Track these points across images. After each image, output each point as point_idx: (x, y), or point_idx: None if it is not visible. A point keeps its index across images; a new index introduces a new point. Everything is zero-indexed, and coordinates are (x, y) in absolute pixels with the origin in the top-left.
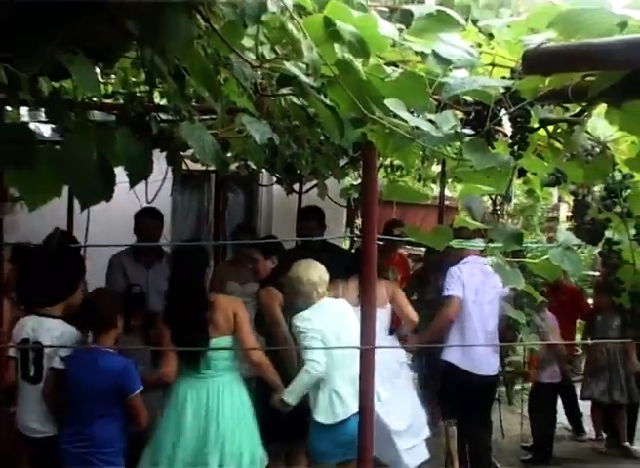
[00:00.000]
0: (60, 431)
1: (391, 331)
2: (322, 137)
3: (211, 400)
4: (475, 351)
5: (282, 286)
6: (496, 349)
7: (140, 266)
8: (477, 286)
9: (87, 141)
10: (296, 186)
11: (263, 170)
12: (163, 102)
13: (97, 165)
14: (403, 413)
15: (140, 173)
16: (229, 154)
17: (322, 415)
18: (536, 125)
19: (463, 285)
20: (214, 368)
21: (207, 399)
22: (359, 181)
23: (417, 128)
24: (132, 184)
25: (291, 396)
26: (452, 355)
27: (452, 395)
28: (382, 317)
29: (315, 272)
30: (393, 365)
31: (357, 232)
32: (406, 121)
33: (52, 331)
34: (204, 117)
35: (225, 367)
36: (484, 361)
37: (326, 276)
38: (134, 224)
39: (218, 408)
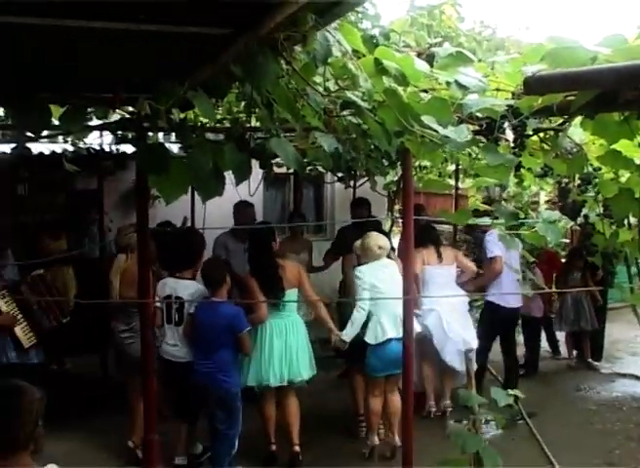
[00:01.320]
0: (193, 357)
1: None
2: (372, 146)
3: (288, 329)
4: (507, 291)
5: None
6: (518, 290)
7: (238, 242)
8: (503, 249)
9: (205, 154)
10: (351, 182)
11: (326, 172)
12: (258, 124)
13: (212, 171)
14: (462, 330)
15: (242, 175)
16: (305, 160)
17: (370, 338)
18: (530, 132)
19: (500, 248)
20: (289, 309)
21: (285, 329)
22: (396, 178)
23: (445, 136)
24: (237, 183)
25: (347, 335)
26: (493, 296)
27: (491, 322)
28: (451, 271)
29: (382, 240)
30: (459, 303)
31: (397, 215)
32: (437, 131)
33: (188, 289)
34: (287, 134)
35: (295, 308)
36: (512, 299)
37: (388, 244)
38: (233, 212)
39: (292, 334)
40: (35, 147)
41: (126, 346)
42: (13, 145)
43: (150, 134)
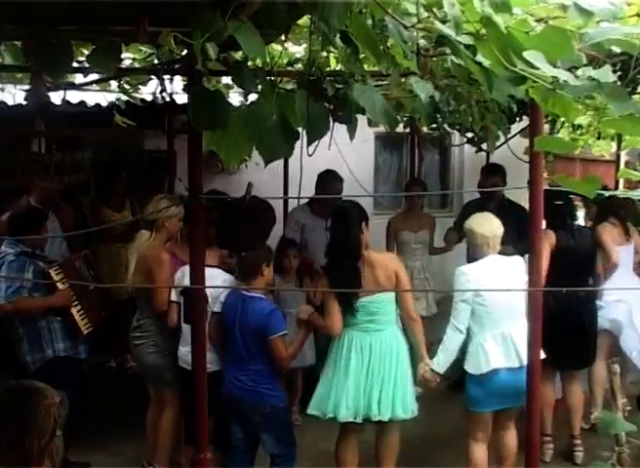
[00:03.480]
0: (224, 366)
1: None
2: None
3: (373, 352)
4: None
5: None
6: None
7: (317, 218)
8: None
9: (270, 104)
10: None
11: (455, 131)
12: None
13: (277, 124)
14: None
15: (317, 131)
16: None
17: (470, 365)
18: None
19: None
20: (376, 322)
21: (370, 347)
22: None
23: (564, 81)
24: (310, 141)
25: (439, 365)
26: None
27: None
28: (625, 255)
29: (487, 226)
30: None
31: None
32: (554, 74)
33: (213, 280)
34: (381, 83)
35: (387, 321)
36: None
37: (500, 230)
38: (316, 182)
39: (379, 355)
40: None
41: (134, 348)
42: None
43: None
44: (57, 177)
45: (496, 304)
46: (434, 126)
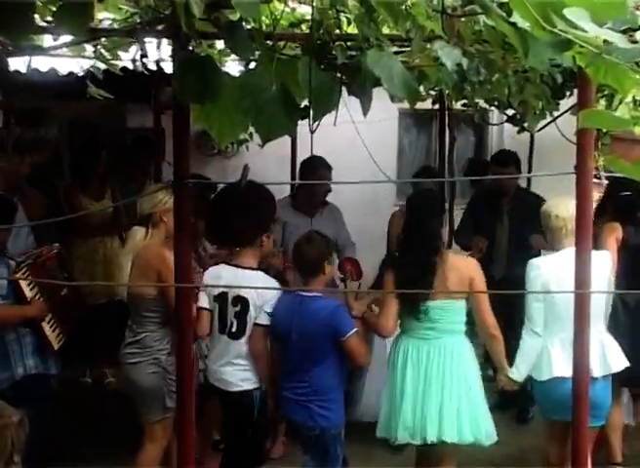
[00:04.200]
0: (281, 381)
1: None
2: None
3: (432, 363)
4: None
5: None
6: None
7: (301, 216)
8: None
9: (267, 72)
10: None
11: (493, 108)
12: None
13: (278, 96)
14: None
15: (323, 105)
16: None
17: (533, 369)
18: None
19: None
20: (438, 329)
21: (427, 357)
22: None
23: (605, 42)
24: (315, 117)
25: (518, 373)
26: None
27: None
28: None
29: (566, 208)
30: None
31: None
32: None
33: (252, 283)
34: (400, 49)
35: (452, 330)
36: None
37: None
38: (299, 172)
39: (439, 367)
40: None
41: (127, 367)
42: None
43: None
44: (15, 157)
45: (568, 305)
46: (468, 101)
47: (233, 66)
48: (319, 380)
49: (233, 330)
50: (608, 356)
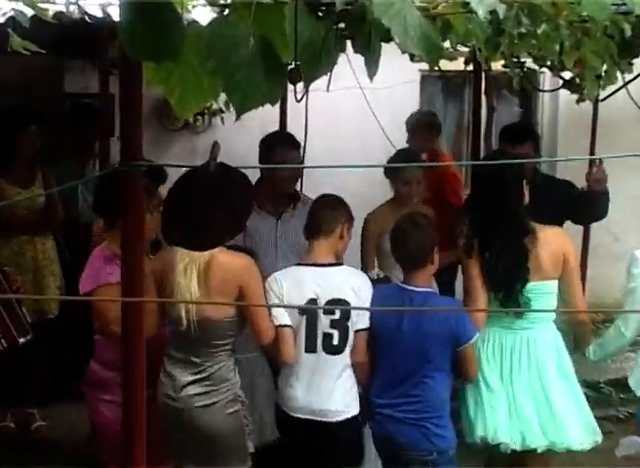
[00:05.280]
0: (372, 396)
1: None
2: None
3: (522, 352)
4: None
5: None
6: None
7: (263, 215)
8: None
9: (243, 21)
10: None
11: (545, 69)
12: None
13: (257, 52)
14: None
15: (318, 63)
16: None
17: (631, 380)
18: None
19: None
20: (525, 318)
21: (518, 350)
22: None
23: None
24: (306, 80)
25: (594, 355)
26: None
27: None
28: None
29: None
30: None
31: None
32: None
33: (354, 285)
34: None
35: (546, 317)
36: None
37: None
38: (259, 155)
39: (531, 361)
40: None
41: (197, 412)
42: None
43: None
44: None
45: None
46: (508, 61)
47: (203, 14)
48: (434, 394)
49: (334, 342)
50: None
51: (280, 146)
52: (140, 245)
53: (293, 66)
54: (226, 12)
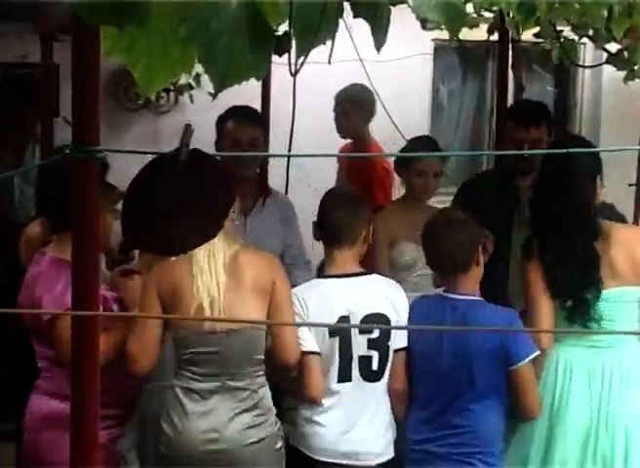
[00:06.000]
0: (413, 429)
1: None
2: None
3: (606, 382)
4: None
5: None
6: None
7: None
8: None
9: None
10: None
11: (586, 40)
12: None
13: (240, 17)
14: None
15: (311, 33)
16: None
17: None
18: None
19: None
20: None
21: (602, 380)
22: None
23: None
24: (299, 51)
25: None
26: None
27: None
28: None
29: None
30: None
31: None
32: None
33: (390, 296)
34: None
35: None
36: None
37: None
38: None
39: (618, 394)
40: None
41: (246, 451)
42: None
43: None
44: None
45: None
46: (542, 29)
47: None
48: (483, 424)
49: (374, 367)
50: None
51: (233, 121)
52: (94, 250)
53: (282, 33)
54: None
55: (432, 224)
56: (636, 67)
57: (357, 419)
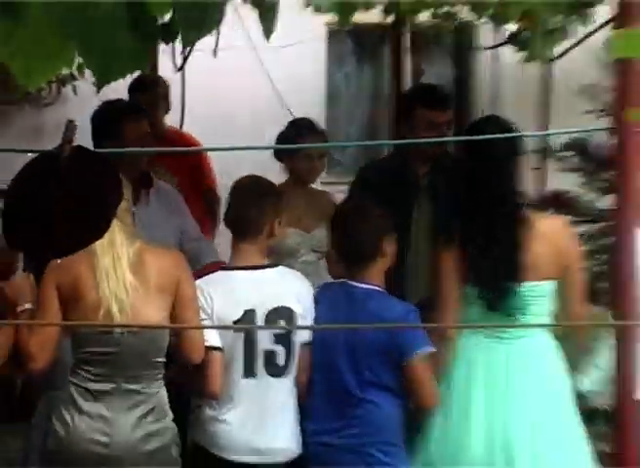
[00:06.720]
0: (312, 420)
1: None
2: None
3: (512, 372)
4: None
5: None
6: None
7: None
8: None
9: None
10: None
11: (484, 21)
12: None
13: (122, 7)
14: None
15: (199, 20)
16: None
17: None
18: None
19: None
20: (525, 323)
21: (507, 371)
22: None
23: None
24: (184, 42)
25: (587, 383)
26: None
27: None
28: None
29: None
30: None
31: None
32: None
33: (295, 289)
34: None
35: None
36: None
37: None
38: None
39: (524, 377)
40: None
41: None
42: None
43: None
44: None
45: None
46: (444, 11)
47: None
48: (379, 415)
49: (279, 362)
50: None
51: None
52: None
53: (167, 21)
54: None
55: (341, 213)
56: (534, 49)
57: (265, 416)
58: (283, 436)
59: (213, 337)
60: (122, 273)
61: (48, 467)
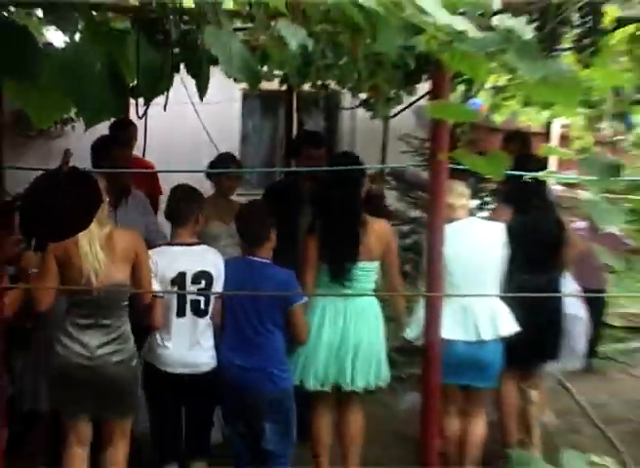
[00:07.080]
0: (223, 351)
1: None
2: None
3: (349, 316)
4: None
5: None
6: None
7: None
8: None
9: (93, 47)
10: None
11: (346, 91)
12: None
13: (105, 74)
14: None
15: (155, 85)
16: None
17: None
18: (612, 26)
19: None
20: (354, 289)
21: (344, 314)
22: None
23: (459, 32)
24: (145, 99)
25: (410, 331)
26: None
27: None
28: None
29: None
30: None
31: None
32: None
33: (209, 258)
34: (245, 26)
35: (366, 289)
36: None
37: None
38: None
39: (354, 323)
40: None
41: (111, 368)
42: None
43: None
44: None
45: (456, 273)
46: (320, 83)
47: (58, 36)
48: (275, 345)
49: (202, 307)
50: (498, 320)
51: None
52: None
53: (135, 84)
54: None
55: (243, 211)
56: (378, 110)
57: (192, 342)
58: (204, 355)
59: (157, 288)
60: (96, 253)
61: (51, 377)
